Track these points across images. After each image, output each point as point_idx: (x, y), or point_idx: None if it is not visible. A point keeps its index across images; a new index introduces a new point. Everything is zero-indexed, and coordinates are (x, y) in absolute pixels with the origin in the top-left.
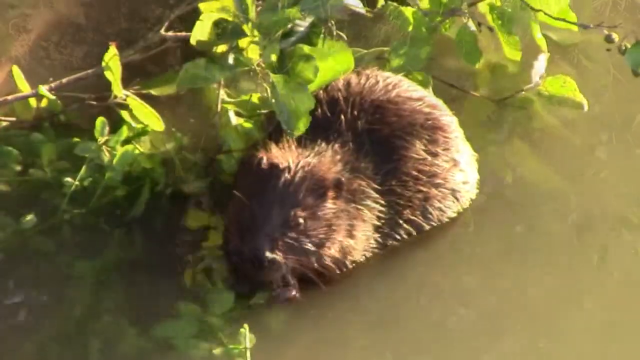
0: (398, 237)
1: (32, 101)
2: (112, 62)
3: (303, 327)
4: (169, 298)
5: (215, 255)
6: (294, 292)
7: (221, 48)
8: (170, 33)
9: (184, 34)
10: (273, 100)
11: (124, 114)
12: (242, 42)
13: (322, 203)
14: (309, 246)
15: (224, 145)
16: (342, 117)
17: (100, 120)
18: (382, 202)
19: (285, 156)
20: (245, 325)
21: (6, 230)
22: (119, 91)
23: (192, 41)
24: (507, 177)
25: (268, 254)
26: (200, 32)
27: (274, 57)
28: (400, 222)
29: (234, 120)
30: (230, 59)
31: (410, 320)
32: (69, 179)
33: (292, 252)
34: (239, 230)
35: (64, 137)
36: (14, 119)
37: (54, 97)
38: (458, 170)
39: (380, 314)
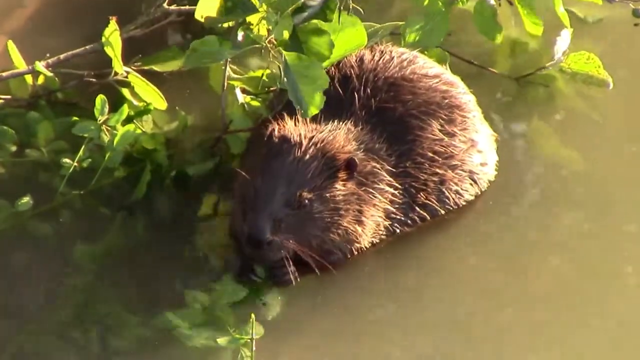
0: (411, 222)
1: (28, 78)
2: (112, 37)
3: (302, 315)
4: (172, 286)
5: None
6: (290, 276)
7: (228, 24)
8: (173, 7)
9: (187, 7)
10: (285, 79)
11: (125, 92)
12: (252, 18)
13: (331, 184)
14: (313, 230)
15: (230, 125)
16: (355, 95)
17: (100, 98)
18: (396, 185)
19: (298, 131)
20: (252, 315)
21: (1, 214)
22: (119, 67)
23: (197, 16)
24: (528, 159)
25: (268, 235)
26: (206, 6)
27: (286, 34)
28: (415, 206)
29: (241, 98)
30: (240, 36)
31: (422, 309)
32: (67, 160)
33: (294, 234)
34: (242, 209)
35: (61, 116)
36: (9, 96)
37: (51, 74)
38: (476, 151)
39: (387, 303)
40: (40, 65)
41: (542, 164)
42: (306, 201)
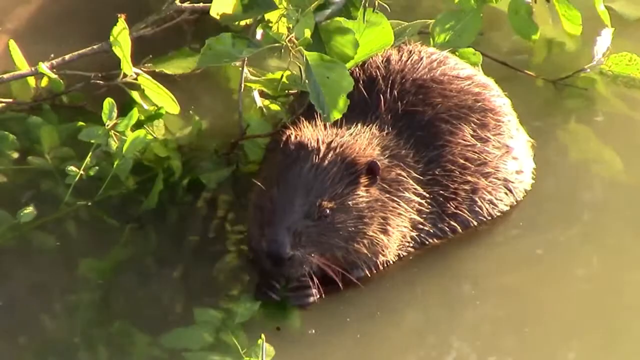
0: (441, 234)
1: (31, 80)
2: (121, 36)
3: (325, 332)
4: (184, 302)
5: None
6: (313, 296)
7: (245, 22)
8: (186, 4)
9: (202, 5)
10: (306, 81)
11: (135, 95)
12: (271, 15)
13: (353, 191)
14: (336, 241)
15: (247, 130)
16: (381, 97)
17: (107, 102)
18: (424, 194)
19: (315, 136)
20: (262, 336)
21: (2, 225)
22: (128, 69)
23: (213, 13)
24: (566, 167)
25: (288, 250)
26: (222, 3)
27: (307, 32)
28: (444, 216)
29: (259, 101)
30: (258, 34)
31: (452, 328)
32: (72, 168)
33: (316, 247)
34: (259, 222)
35: (66, 121)
36: (10, 100)
37: (55, 76)
38: (511, 157)
39: (415, 320)
40: (44, 67)
41: (581, 172)
42: (327, 211)
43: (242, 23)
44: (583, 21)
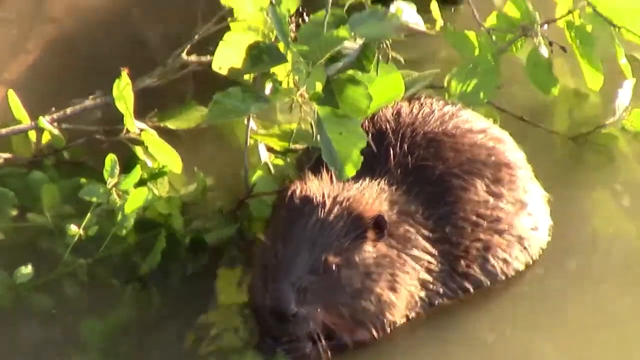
0: (451, 293)
1: (32, 135)
2: (125, 91)
3: None
4: None
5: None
6: (308, 349)
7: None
8: (193, 57)
9: (209, 58)
10: (318, 137)
11: (138, 150)
12: (280, 68)
13: (359, 246)
14: (342, 298)
15: (253, 187)
16: (391, 151)
17: (109, 159)
18: (433, 251)
19: (321, 190)
20: None
21: None
22: (131, 125)
23: (215, 67)
24: (584, 227)
25: (293, 307)
26: (224, 56)
27: (319, 86)
28: (455, 275)
29: (266, 156)
30: (267, 88)
31: None
32: (72, 226)
33: (322, 304)
34: (263, 278)
35: (68, 176)
36: (9, 155)
37: (57, 132)
38: (526, 213)
39: None
40: (44, 122)
41: (599, 232)
42: (333, 266)
43: (248, 77)
44: (605, 73)
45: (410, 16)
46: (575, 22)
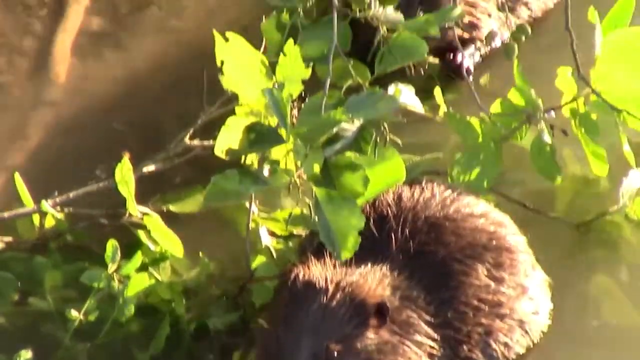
0: None
1: (36, 218)
2: (126, 176)
3: None
4: None
5: None
6: None
7: (252, 157)
8: (196, 142)
9: (213, 142)
10: (316, 219)
11: (141, 234)
12: (278, 150)
13: (362, 333)
14: None
15: (255, 272)
16: (392, 236)
17: (110, 244)
18: (435, 337)
19: (324, 275)
20: None
21: None
22: (133, 209)
23: (217, 152)
24: (587, 315)
25: None
26: (227, 140)
27: (316, 168)
28: None
29: (267, 240)
30: (266, 170)
31: None
32: (73, 311)
33: None
34: None
35: (71, 260)
36: (10, 238)
37: (60, 216)
38: (527, 298)
39: None
40: (47, 206)
41: (602, 324)
42: (334, 353)
43: (250, 159)
44: (613, 160)
45: (408, 98)
46: (580, 110)
